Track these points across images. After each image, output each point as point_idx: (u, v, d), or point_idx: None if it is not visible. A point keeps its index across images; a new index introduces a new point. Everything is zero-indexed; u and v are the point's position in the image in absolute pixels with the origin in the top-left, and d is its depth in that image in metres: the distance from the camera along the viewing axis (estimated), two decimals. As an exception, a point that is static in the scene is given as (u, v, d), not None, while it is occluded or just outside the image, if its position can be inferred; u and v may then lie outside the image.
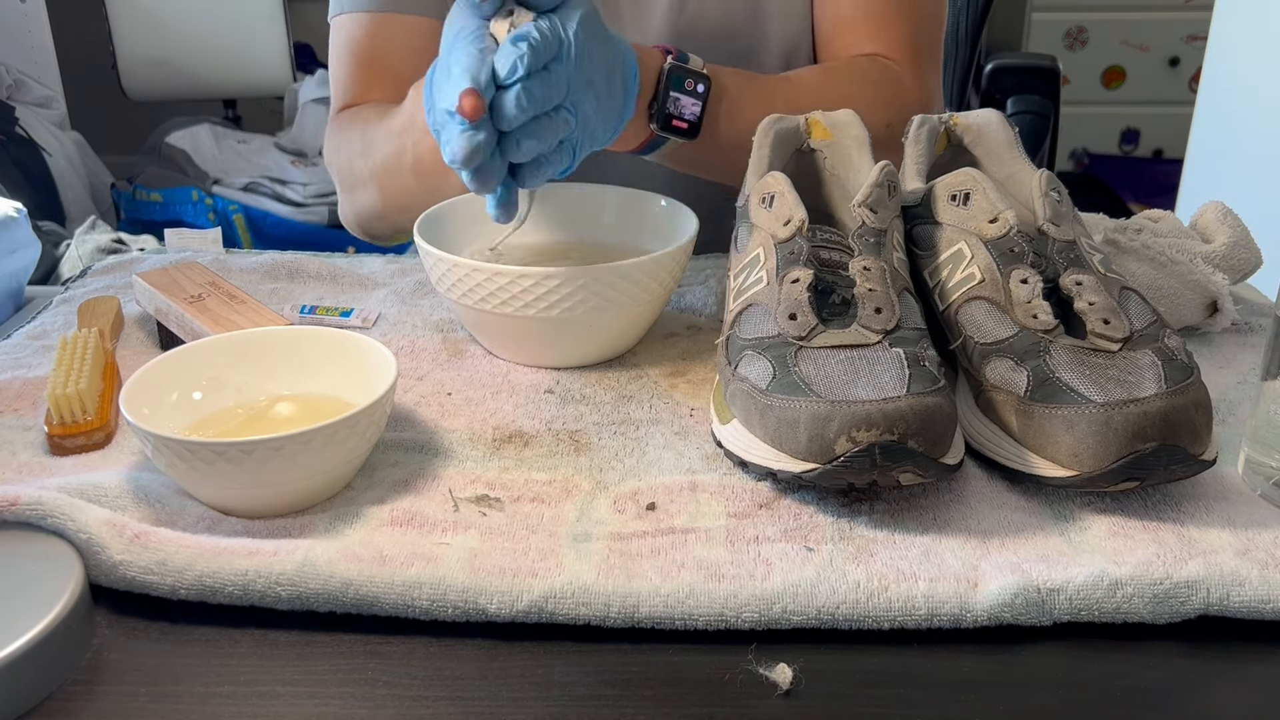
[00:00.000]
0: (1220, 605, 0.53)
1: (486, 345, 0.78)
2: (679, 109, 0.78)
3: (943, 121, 0.76)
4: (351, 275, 0.91)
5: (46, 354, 0.78)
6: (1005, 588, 0.53)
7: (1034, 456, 0.59)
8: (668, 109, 0.78)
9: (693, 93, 0.78)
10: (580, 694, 0.50)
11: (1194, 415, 0.56)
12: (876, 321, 0.60)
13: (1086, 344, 0.60)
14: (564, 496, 0.61)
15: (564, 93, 0.65)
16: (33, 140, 2.31)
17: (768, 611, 0.53)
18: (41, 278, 1.82)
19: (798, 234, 0.65)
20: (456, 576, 0.54)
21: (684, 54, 0.80)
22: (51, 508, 0.56)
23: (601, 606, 0.53)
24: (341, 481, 0.61)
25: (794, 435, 0.57)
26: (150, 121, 2.67)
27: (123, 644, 0.53)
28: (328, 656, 0.52)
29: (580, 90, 0.66)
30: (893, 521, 0.59)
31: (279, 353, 0.67)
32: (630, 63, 0.74)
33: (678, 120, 0.79)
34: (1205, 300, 0.77)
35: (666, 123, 0.79)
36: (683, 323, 0.83)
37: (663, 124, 0.78)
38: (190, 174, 2.52)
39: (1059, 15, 2.89)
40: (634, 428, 0.68)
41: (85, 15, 2.62)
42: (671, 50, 0.79)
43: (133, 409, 0.59)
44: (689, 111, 0.79)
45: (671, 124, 0.79)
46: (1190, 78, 2.89)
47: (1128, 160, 3.01)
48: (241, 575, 0.54)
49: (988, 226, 0.65)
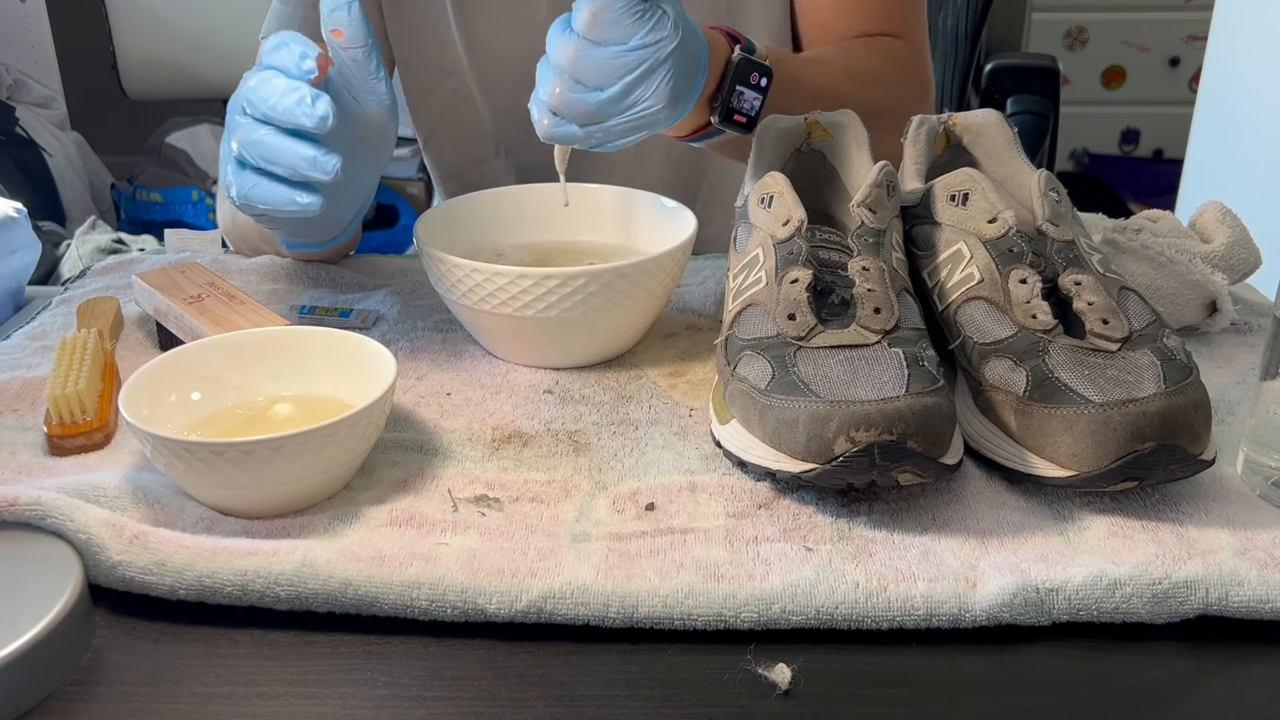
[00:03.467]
0: (1219, 605, 0.53)
1: (486, 345, 0.78)
2: (741, 103, 0.74)
3: (942, 122, 0.76)
4: (351, 275, 0.91)
5: (46, 354, 0.78)
6: (1004, 588, 0.53)
7: (1033, 456, 0.59)
8: (731, 103, 0.74)
9: (756, 86, 0.74)
10: (580, 694, 0.50)
11: (1193, 415, 0.56)
12: (875, 321, 0.60)
13: (1085, 344, 0.60)
14: (563, 497, 0.61)
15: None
16: (33, 140, 2.31)
17: (767, 611, 0.53)
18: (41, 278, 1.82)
19: (797, 234, 0.65)
20: (455, 576, 0.54)
21: (750, 42, 0.75)
22: (51, 508, 0.56)
23: (600, 607, 0.53)
24: (341, 481, 0.61)
25: (793, 435, 0.57)
26: (150, 121, 2.67)
27: (122, 644, 0.53)
28: (327, 656, 0.52)
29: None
30: (892, 521, 0.59)
31: (278, 353, 0.67)
32: (702, 48, 0.71)
33: (739, 115, 0.75)
34: (1204, 300, 0.77)
35: (728, 116, 0.75)
36: (682, 323, 0.83)
37: (724, 118, 0.75)
38: (190, 174, 2.52)
39: (1059, 15, 2.89)
40: (633, 428, 0.68)
41: (85, 15, 2.62)
42: (739, 38, 0.75)
43: (132, 409, 0.59)
44: (751, 105, 0.74)
45: (733, 118, 0.75)
46: (1190, 78, 2.89)
47: (1128, 160, 3.01)
48: (240, 575, 0.54)
49: (987, 226, 0.65)
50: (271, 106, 0.66)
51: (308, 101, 0.65)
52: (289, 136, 0.67)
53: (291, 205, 0.68)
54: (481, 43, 0.98)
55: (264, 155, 0.67)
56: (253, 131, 0.67)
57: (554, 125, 0.68)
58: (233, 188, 0.69)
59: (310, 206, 0.68)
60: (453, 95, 1.02)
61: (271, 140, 0.67)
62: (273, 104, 0.66)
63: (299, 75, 0.66)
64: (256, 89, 0.67)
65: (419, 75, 1.01)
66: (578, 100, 0.66)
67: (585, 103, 0.66)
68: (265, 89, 0.67)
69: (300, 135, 0.67)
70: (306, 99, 0.65)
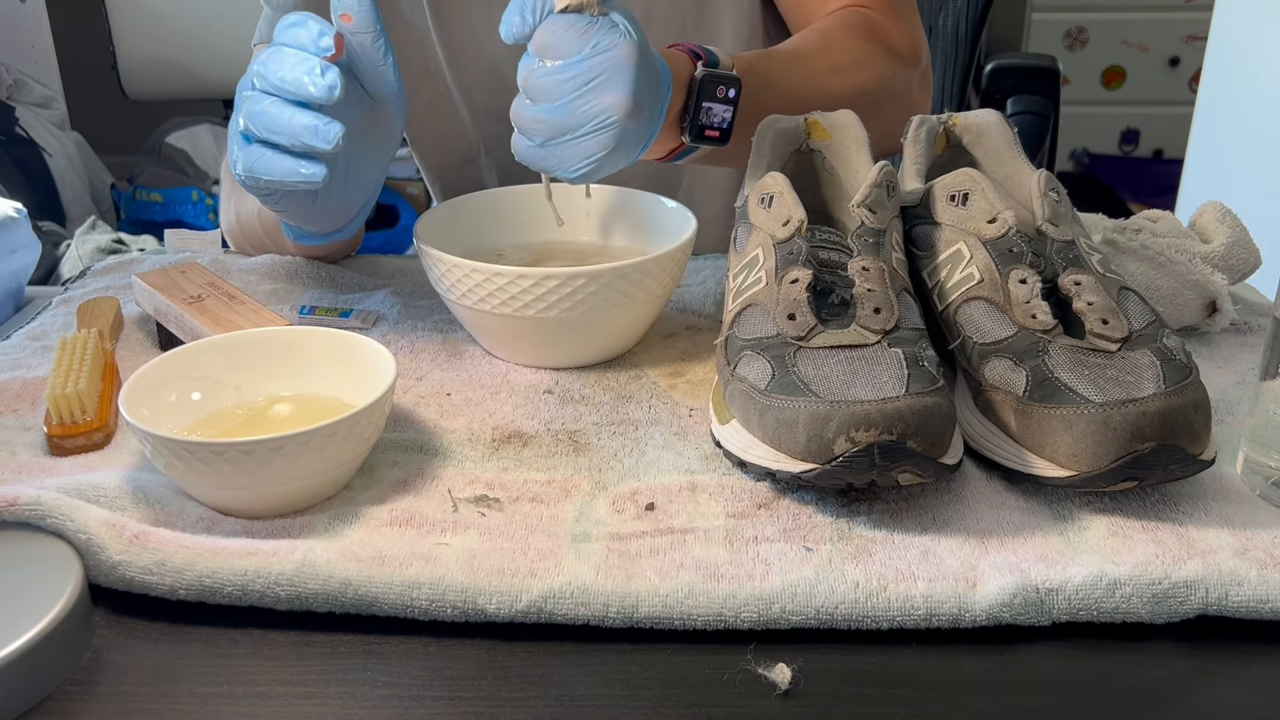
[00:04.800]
0: (1219, 605, 0.53)
1: (486, 346, 0.78)
2: (711, 119, 0.74)
3: (942, 122, 0.76)
4: (351, 275, 0.91)
5: (46, 354, 0.78)
6: (1004, 588, 0.53)
7: (1033, 456, 0.59)
8: (700, 120, 0.74)
9: (724, 99, 0.74)
10: (579, 694, 0.50)
11: (1193, 415, 0.56)
12: (875, 322, 0.60)
13: (1085, 344, 0.60)
14: (563, 497, 0.61)
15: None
16: (33, 140, 2.31)
17: (766, 611, 0.53)
18: (41, 278, 1.82)
19: (797, 234, 0.65)
20: (456, 576, 0.54)
21: (712, 55, 0.75)
22: (51, 508, 0.56)
23: (600, 606, 0.53)
24: (341, 482, 0.61)
25: (793, 435, 0.57)
26: (150, 121, 2.67)
27: (122, 644, 0.53)
28: (327, 656, 0.52)
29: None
30: (891, 521, 0.59)
31: (278, 353, 0.67)
32: (662, 63, 0.70)
33: (710, 130, 0.75)
34: (1204, 300, 0.77)
35: (699, 134, 0.74)
36: (682, 323, 0.83)
37: (695, 135, 0.74)
38: (190, 174, 2.52)
39: (1059, 15, 2.89)
40: (633, 428, 0.68)
41: (85, 15, 2.62)
42: (700, 53, 0.75)
43: (132, 409, 0.59)
44: (721, 119, 0.74)
45: (704, 135, 0.75)
46: (1190, 78, 2.89)
47: (1127, 160, 3.01)
48: (240, 575, 0.54)
49: (986, 226, 0.65)
50: (281, 78, 0.66)
51: (316, 71, 0.65)
52: (294, 106, 0.67)
53: (295, 176, 0.68)
54: (458, 44, 0.98)
55: (268, 125, 0.67)
56: (258, 103, 0.67)
57: (518, 144, 0.68)
58: (239, 163, 0.69)
59: (313, 177, 0.67)
60: (435, 96, 1.02)
61: (275, 110, 0.67)
62: (282, 75, 0.66)
63: (315, 52, 0.66)
64: (267, 63, 0.67)
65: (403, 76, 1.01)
66: (531, 114, 0.66)
67: (538, 115, 0.66)
68: (275, 62, 0.67)
69: (306, 107, 0.67)
70: (316, 69, 0.65)
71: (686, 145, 0.76)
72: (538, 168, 0.68)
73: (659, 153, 0.77)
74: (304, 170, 0.67)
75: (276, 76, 0.66)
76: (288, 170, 0.68)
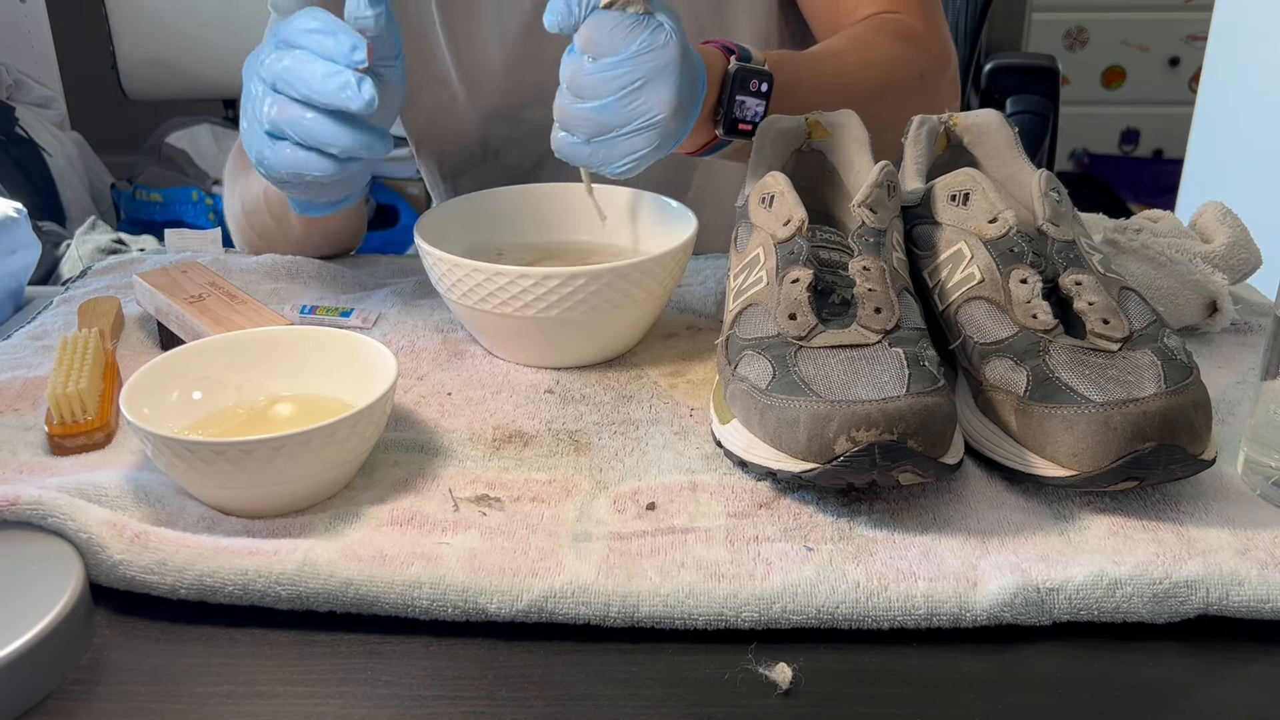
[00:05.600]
0: (1219, 605, 0.53)
1: (486, 345, 0.78)
2: (744, 112, 0.75)
3: (942, 121, 0.76)
4: (351, 275, 0.91)
5: (47, 354, 0.78)
6: (1005, 587, 0.53)
7: (1033, 456, 0.59)
8: (734, 113, 0.75)
9: (757, 93, 0.75)
10: (580, 694, 0.50)
11: (1193, 415, 0.56)
12: (876, 321, 0.60)
13: (1086, 344, 0.60)
14: (564, 496, 0.61)
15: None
16: (33, 140, 2.31)
17: (767, 611, 0.53)
18: (41, 278, 1.82)
19: (797, 234, 0.65)
20: (456, 576, 0.54)
21: (745, 50, 0.76)
22: (51, 507, 0.56)
23: (601, 606, 0.53)
24: (341, 481, 0.62)
25: (794, 435, 0.57)
26: (150, 121, 2.67)
27: (122, 644, 0.53)
28: (327, 656, 0.52)
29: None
30: (892, 521, 0.59)
31: (279, 353, 0.68)
32: (699, 60, 0.71)
33: (743, 124, 0.75)
34: (1205, 300, 0.77)
35: (732, 127, 0.75)
36: (683, 323, 0.83)
37: (729, 129, 0.75)
38: (190, 174, 2.52)
39: (1059, 15, 2.89)
40: (634, 428, 0.68)
41: (85, 15, 2.62)
42: (733, 49, 0.76)
43: (133, 409, 0.59)
44: (754, 113, 0.75)
45: (737, 128, 0.75)
46: (1190, 78, 2.89)
47: (1128, 160, 3.01)
48: (241, 575, 0.54)
49: (987, 226, 0.65)
50: (311, 88, 0.68)
51: (353, 85, 0.67)
52: (329, 119, 0.69)
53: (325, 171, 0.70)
54: (467, 49, 0.98)
55: (312, 135, 0.69)
56: (289, 110, 0.69)
57: (562, 141, 0.69)
58: (266, 161, 0.71)
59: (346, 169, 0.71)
60: (440, 101, 1.02)
61: (314, 123, 0.69)
62: (313, 85, 0.68)
63: (347, 64, 0.68)
64: (293, 69, 0.68)
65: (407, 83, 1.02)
66: (577, 111, 0.67)
67: (584, 112, 0.66)
68: (305, 69, 0.68)
69: (335, 115, 0.69)
70: (352, 82, 0.67)
71: (719, 139, 0.77)
72: (580, 164, 0.69)
73: (691, 146, 0.78)
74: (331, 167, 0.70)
75: (306, 86, 0.68)
76: (318, 166, 0.71)
